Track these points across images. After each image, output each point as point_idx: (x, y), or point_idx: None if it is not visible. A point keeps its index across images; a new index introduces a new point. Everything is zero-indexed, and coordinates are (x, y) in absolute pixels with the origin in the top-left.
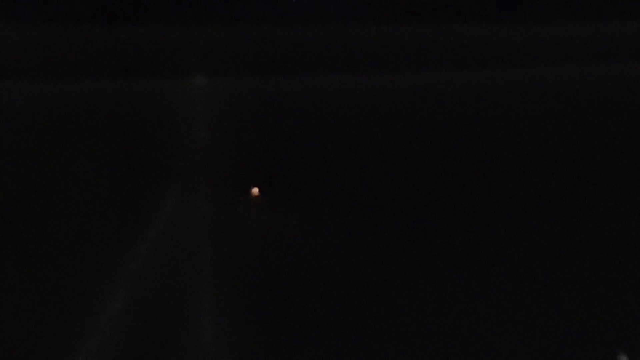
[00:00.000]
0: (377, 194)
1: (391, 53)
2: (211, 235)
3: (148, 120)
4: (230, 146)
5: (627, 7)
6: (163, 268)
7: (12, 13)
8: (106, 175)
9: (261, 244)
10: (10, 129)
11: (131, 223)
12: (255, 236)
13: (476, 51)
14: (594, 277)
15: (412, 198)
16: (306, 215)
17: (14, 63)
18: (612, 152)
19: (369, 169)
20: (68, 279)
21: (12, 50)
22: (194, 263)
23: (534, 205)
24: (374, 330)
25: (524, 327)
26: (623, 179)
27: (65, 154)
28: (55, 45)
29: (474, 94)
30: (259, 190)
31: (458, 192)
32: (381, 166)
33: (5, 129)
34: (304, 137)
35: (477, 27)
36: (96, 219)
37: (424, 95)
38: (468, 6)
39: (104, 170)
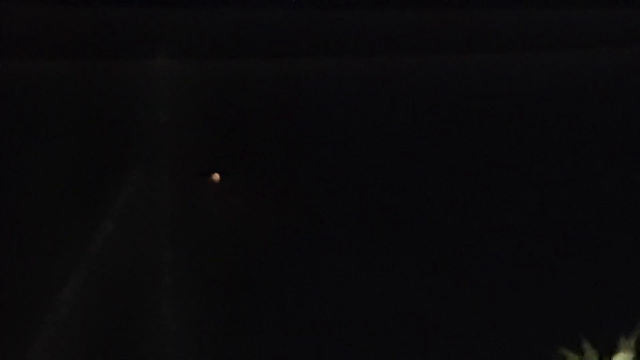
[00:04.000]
0: (339, 177)
1: (360, 36)
2: (172, 217)
3: (110, 101)
4: (191, 128)
5: None
6: (124, 248)
7: None
8: (68, 156)
9: (221, 226)
10: None
11: (93, 203)
12: (216, 218)
13: (476, 36)
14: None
15: (381, 178)
16: (267, 199)
17: None
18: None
19: (333, 152)
20: (29, 255)
21: None
22: (155, 244)
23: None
24: (335, 310)
25: (518, 325)
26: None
27: (28, 134)
28: (16, 26)
29: (464, 80)
30: (220, 175)
31: (431, 170)
32: (345, 149)
33: None
34: (266, 120)
35: (478, 12)
36: (58, 198)
37: (394, 79)
38: None
39: (66, 151)
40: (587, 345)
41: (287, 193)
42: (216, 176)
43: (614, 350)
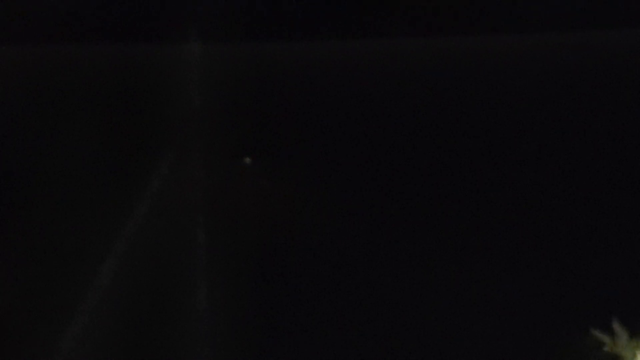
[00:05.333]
0: (372, 161)
1: (389, 18)
2: (204, 201)
3: (141, 85)
4: (224, 112)
5: None
6: (156, 234)
7: None
8: (99, 140)
9: (254, 211)
10: (5, 92)
11: (124, 188)
12: (249, 203)
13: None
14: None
15: (407, 163)
16: (300, 183)
17: (8, 26)
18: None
19: (365, 136)
20: (62, 242)
21: (6, 13)
22: (187, 230)
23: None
24: (366, 300)
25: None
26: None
27: (58, 118)
28: (48, 9)
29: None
30: (251, 159)
31: (453, 162)
32: (377, 134)
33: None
34: (298, 104)
35: None
36: (90, 184)
37: (424, 61)
38: None
39: (97, 135)
40: (617, 325)
41: (319, 176)
42: (249, 158)
43: None
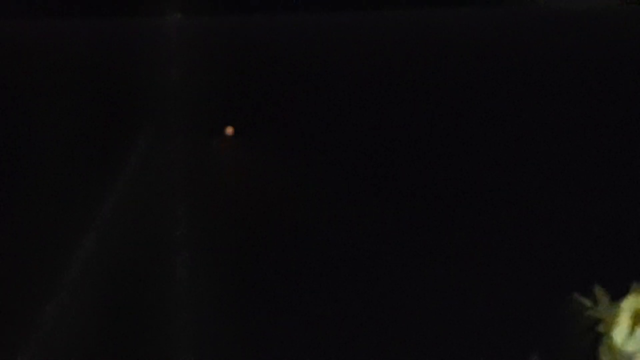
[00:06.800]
0: (352, 133)
1: None
2: (185, 174)
3: (121, 58)
4: (204, 85)
5: None
6: (137, 207)
7: None
8: (79, 115)
9: (234, 183)
10: None
11: (105, 163)
12: (229, 176)
13: None
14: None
15: (387, 136)
16: (279, 155)
17: None
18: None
19: (346, 109)
20: (43, 218)
21: None
22: (168, 203)
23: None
24: (350, 284)
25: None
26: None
27: (34, 94)
28: None
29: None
30: (233, 130)
31: (434, 133)
32: (358, 106)
33: None
34: (278, 77)
35: None
36: (70, 159)
37: (409, 33)
38: None
39: (76, 110)
40: (599, 290)
41: (298, 150)
42: (230, 130)
43: (625, 295)
